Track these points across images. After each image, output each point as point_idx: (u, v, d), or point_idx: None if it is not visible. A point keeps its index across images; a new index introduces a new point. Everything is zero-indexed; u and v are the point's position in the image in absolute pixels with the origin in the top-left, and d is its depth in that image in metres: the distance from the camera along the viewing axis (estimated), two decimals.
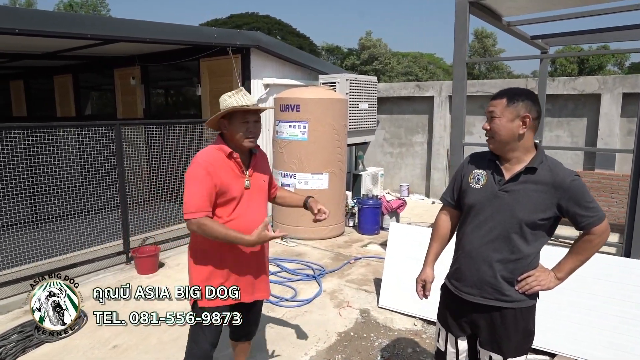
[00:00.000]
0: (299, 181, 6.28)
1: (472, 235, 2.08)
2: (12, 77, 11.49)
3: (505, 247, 2.00)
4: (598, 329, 3.28)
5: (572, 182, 1.91)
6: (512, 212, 1.96)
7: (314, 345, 3.62)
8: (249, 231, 2.25)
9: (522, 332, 2.06)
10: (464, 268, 2.13)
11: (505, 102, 1.97)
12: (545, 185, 1.93)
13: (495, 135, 1.99)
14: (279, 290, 4.64)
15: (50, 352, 3.51)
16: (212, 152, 2.31)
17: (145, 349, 3.52)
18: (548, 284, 2.04)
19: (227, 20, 38.14)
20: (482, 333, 2.11)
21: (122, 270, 5.14)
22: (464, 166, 2.20)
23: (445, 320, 2.25)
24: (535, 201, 1.93)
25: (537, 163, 1.96)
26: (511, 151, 1.99)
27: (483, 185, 2.05)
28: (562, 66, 27.28)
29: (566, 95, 8.14)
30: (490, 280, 2.04)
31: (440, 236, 2.31)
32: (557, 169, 1.95)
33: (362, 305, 4.31)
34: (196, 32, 5.87)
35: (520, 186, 1.96)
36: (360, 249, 6.06)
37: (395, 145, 10.21)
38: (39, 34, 4.27)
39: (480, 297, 2.07)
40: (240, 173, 2.34)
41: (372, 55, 31.19)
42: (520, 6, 4.86)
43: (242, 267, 2.43)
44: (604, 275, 3.36)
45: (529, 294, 2.03)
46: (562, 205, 1.92)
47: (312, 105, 6.14)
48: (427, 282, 2.29)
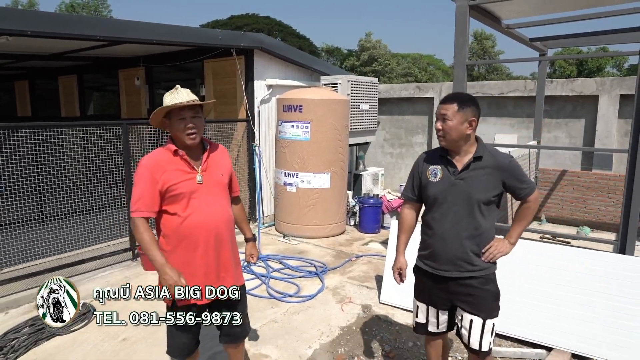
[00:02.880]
0: (301, 180, 6.39)
1: (442, 221, 2.43)
2: (17, 77, 11.57)
3: (470, 225, 2.38)
4: (593, 324, 3.38)
5: (511, 163, 2.38)
6: (469, 195, 2.35)
7: (318, 339, 3.72)
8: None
9: (492, 294, 2.44)
10: (437, 249, 2.46)
11: (456, 107, 2.33)
12: (491, 169, 2.35)
13: (447, 135, 2.36)
14: (283, 287, 4.75)
15: (61, 345, 3.61)
16: (158, 152, 2.40)
17: (153, 342, 3.62)
18: (505, 249, 2.45)
19: (227, 21, 38.22)
20: (462, 301, 2.45)
21: (128, 267, 5.24)
22: (419, 165, 2.56)
23: (427, 297, 2.58)
24: (486, 182, 2.35)
25: (481, 152, 2.37)
26: (460, 146, 2.39)
27: (441, 178, 2.43)
28: (561, 68, 27.43)
29: (564, 97, 8.26)
30: (462, 255, 2.40)
31: (407, 228, 2.67)
32: (497, 154, 2.41)
33: (363, 301, 4.42)
34: (201, 34, 5.98)
35: (472, 173, 2.36)
36: (362, 247, 6.17)
37: (396, 146, 10.32)
38: (49, 35, 4.37)
39: (456, 271, 2.42)
40: (190, 169, 2.37)
41: (371, 57, 31.29)
42: (519, 9, 4.97)
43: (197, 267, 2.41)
44: (600, 271, 3.47)
45: (493, 261, 2.43)
46: (505, 182, 2.37)
47: (315, 106, 6.25)
48: (403, 269, 2.63)
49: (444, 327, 2.60)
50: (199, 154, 2.44)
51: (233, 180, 2.66)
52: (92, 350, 3.54)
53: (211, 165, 2.45)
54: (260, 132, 6.98)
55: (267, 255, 5.63)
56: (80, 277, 4.85)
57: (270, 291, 4.60)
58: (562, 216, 7.42)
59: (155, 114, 2.37)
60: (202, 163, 2.42)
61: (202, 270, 2.42)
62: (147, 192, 2.29)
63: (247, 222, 2.86)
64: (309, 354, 3.50)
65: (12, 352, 3.53)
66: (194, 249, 2.38)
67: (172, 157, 2.36)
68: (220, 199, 2.46)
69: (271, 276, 4.98)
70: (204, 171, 2.41)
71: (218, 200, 2.44)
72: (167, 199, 2.34)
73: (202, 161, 2.42)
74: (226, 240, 2.47)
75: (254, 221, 7.02)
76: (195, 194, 2.36)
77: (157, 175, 2.30)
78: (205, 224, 2.37)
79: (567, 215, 7.38)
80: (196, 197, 2.37)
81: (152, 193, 2.30)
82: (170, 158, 2.36)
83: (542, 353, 3.45)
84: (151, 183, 2.29)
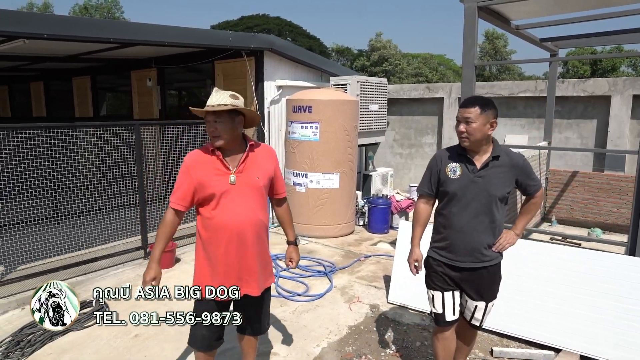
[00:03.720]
0: (310, 180, 6.43)
1: (460, 215, 2.60)
2: (32, 78, 11.78)
3: (487, 219, 2.57)
4: (603, 325, 3.37)
5: (524, 162, 2.60)
6: (487, 191, 2.53)
7: (326, 338, 3.76)
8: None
9: (498, 281, 2.73)
10: (456, 242, 2.63)
11: (479, 110, 2.49)
12: (506, 167, 2.56)
13: (471, 137, 2.51)
14: (292, 286, 4.80)
15: (75, 340, 3.69)
16: (199, 150, 2.53)
17: (164, 338, 3.68)
18: (513, 240, 2.66)
19: (238, 21, 38.42)
20: (470, 288, 2.68)
21: (140, 265, 5.33)
22: (437, 162, 2.69)
23: (443, 284, 2.72)
24: (503, 180, 2.55)
25: (498, 152, 2.56)
26: (481, 146, 2.56)
27: (460, 175, 2.58)
28: (574, 67, 27.10)
29: (576, 97, 8.19)
30: (478, 247, 2.60)
31: (422, 221, 2.81)
32: (511, 154, 2.61)
33: (372, 301, 4.44)
34: (212, 36, 6.06)
35: (490, 171, 2.55)
36: (370, 247, 6.19)
37: (405, 146, 10.32)
38: (64, 38, 4.47)
39: (471, 262, 2.62)
40: (225, 169, 2.43)
41: (382, 57, 31.22)
42: (529, 10, 4.96)
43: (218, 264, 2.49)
44: (609, 273, 3.45)
45: (502, 251, 2.67)
46: (518, 180, 2.59)
47: (324, 107, 6.29)
48: (419, 261, 2.79)
49: (457, 313, 2.76)
50: (238, 155, 2.49)
51: (276, 182, 2.69)
52: (105, 346, 3.61)
53: (248, 167, 2.48)
54: (270, 132, 7.04)
55: (277, 255, 5.68)
56: (93, 274, 4.95)
57: (279, 290, 4.65)
58: (573, 217, 7.37)
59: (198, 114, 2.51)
60: (238, 164, 2.46)
61: (222, 268, 2.48)
62: (182, 187, 2.45)
63: (292, 224, 2.87)
64: (316, 353, 3.54)
65: (28, 346, 3.62)
66: (216, 247, 2.46)
67: (210, 156, 2.46)
68: (250, 202, 2.47)
69: (280, 275, 5.03)
70: (240, 172, 2.45)
71: (247, 203, 2.46)
72: (200, 195, 2.45)
73: (239, 162, 2.47)
74: (251, 243, 2.48)
75: None
76: (226, 194, 2.42)
77: (193, 172, 2.43)
78: (229, 225, 2.42)
79: (578, 217, 7.32)
80: (227, 197, 2.42)
81: (185, 188, 2.44)
82: (209, 157, 2.46)
83: (551, 355, 3.45)
84: (187, 179, 2.43)
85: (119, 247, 5.43)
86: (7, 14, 3.98)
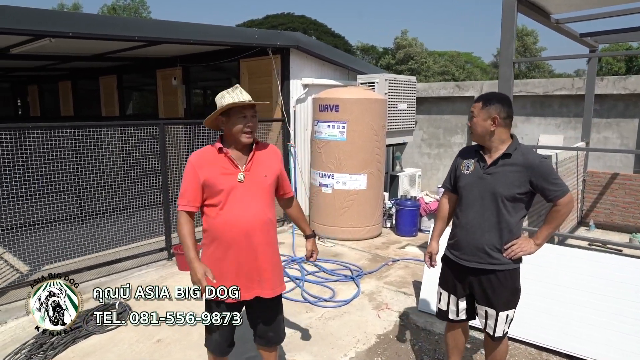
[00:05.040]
0: (337, 182, 6.27)
1: (467, 211, 2.55)
2: (61, 78, 11.97)
3: (493, 219, 2.46)
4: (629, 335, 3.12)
5: (541, 162, 2.40)
6: (494, 189, 2.44)
7: (354, 347, 3.60)
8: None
9: (510, 289, 2.53)
10: (461, 239, 2.58)
11: (481, 105, 2.46)
12: (519, 166, 2.40)
13: (473, 131, 2.51)
14: (317, 291, 4.65)
15: (98, 344, 3.63)
16: (205, 149, 2.46)
17: (187, 345, 3.59)
18: (529, 249, 2.48)
19: (263, 20, 38.56)
20: (478, 292, 2.57)
21: (163, 267, 5.27)
22: (458, 157, 2.67)
23: (448, 284, 2.71)
24: (512, 179, 2.41)
25: (511, 150, 2.44)
26: (488, 142, 2.49)
27: (472, 171, 2.55)
28: (608, 64, 26.13)
29: (615, 95, 7.78)
30: (482, 246, 2.49)
31: (442, 216, 2.82)
32: (528, 153, 2.45)
33: (401, 308, 4.26)
34: (238, 33, 5.95)
35: (500, 169, 2.45)
36: (398, 251, 5.99)
37: (434, 146, 10.05)
38: (89, 36, 4.43)
39: (476, 262, 2.53)
40: (233, 167, 2.39)
41: (407, 55, 30.83)
42: (571, 3, 4.66)
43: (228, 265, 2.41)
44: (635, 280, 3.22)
45: (514, 259, 2.49)
46: (533, 182, 2.39)
47: (351, 106, 6.11)
48: (433, 254, 2.79)
49: (463, 315, 2.72)
50: (246, 153, 2.45)
51: (283, 182, 2.65)
52: (128, 350, 3.54)
53: (256, 165, 2.45)
54: (296, 132, 6.91)
55: (302, 258, 5.54)
56: (116, 275, 4.91)
57: (305, 295, 4.50)
58: (613, 222, 6.99)
59: (217, 112, 2.38)
60: (246, 162, 2.42)
61: (232, 269, 2.41)
62: (190, 188, 2.38)
63: (305, 219, 2.87)
64: None
65: (51, 349, 3.58)
66: (225, 248, 2.40)
67: (217, 155, 2.40)
68: (258, 200, 2.42)
69: (306, 279, 4.88)
70: (247, 170, 2.41)
71: (255, 201, 2.41)
72: (207, 194, 2.39)
73: (246, 160, 2.42)
74: (261, 243, 2.43)
75: (288, 222, 6.96)
76: (234, 192, 2.38)
77: (199, 171, 2.36)
78: (237, 224, 2.36)
79: (618, 221, 6.94)
80: (234, 195, 2.38)
81: (194, 188, 2.37)
82: (216, 155, 2.40)
83: None
84: (194, 179, 2.37)
85: (142, 247, 5.38)
86: (33, 13, 3.95)
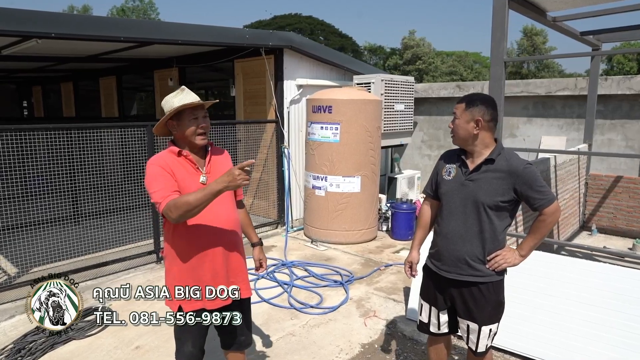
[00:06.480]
0: (330, 184, 6.16)
1: (448, 219, 2.40)
2: (63, 79, 12.01)
3: (474, 228, 2.31)
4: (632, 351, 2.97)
5: (525, 169, 2.23)
6: (475, 197, 2.29)
7: (336, 357, 3.49)
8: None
9: (494, 303, 2.38)
10: (442, 249, 2.43)
11: (464, 107, 2.31)
12: (502, 173, 2.26)
13: (455, 134, 2.36)
14: (305, 296, 4.54)
15: (76, 350, 3.57)
16: (162, 154, 2.32)
17: (166, 352, 3.51)
18: (514, 260, 2.33)
19: (270, 21, 38.60)
20: (459, 305, 2.42)
21: (152, 270, 5.20)
22: (440, 161, 2.52)
23: (429, 296, 2.57)
24: (495, 186, 2.26)
25: (494, 155, 2.28)
26: (471, 147, 2.33)
27: (453, 177, 2.39)
28: (619, 64, 25.70)
29: (620, 96, 7.56)
30: (464, 258, 2.34)
31: (423, 224, 2.66)
32: (512, 159, 2.28)
33: (389, 316, 4.13)
34: (228, 34, 5.85)
35: (482, 175, 2.30)
36: (392, 255, 5.86)
37: (434, 148, 9.89)
38: (72, 37, 4.37)
39: (457, 274, 2.38)
40: (194, 170, 2.32)
41: (415, 55, 30.63)
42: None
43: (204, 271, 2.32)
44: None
45: (497, 271, 2.34)
46: (517, 189, 2.25)
47: (344, 107, 6.00)
48: (414, 263, 2.64)
49: (445, 329, 2.58)
50: (202, 156, 2.39)
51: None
52: (106, 357, 3.48)
53: (214, 168, 2.39)
54: (290, 133, 6.81)
55: (292, 262, 5.44)
56: (104, 279, 4.84)
57: (291, 301, 4.40)
58: (616, 226, 6.80)
59: (167, 116, 2.28)
60: (205, 164, 2.37)
61: (209, 274, 2.33)
62: (167, 183, 2.17)
63: (252, 225, 2.78)
64: None
65: (28, 354, 3.52)
66: (201, 254, 2.31)
67: (176, 159, 2.31)
68: (225, 201, 2.38)
69: (294, 284, 4.78)
70: (208, 173, 2.35)
71: (222, 203, 2.33)
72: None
73: (205, 164, 2.37)
74: (235, 244, 2.41)
75: (282, 225, 6.86)
76: None
77: (168, 170, 2.22)
78: (212, 226, 2.29)
79: (621, 226, 6.75)
80: None
81: (171, 182, 2.18)
82: (175, 159, 2.30)
83: None
84: (167, 176, 2.19)
85: (131, 250, 5.32)
86: (14, 13, 3.90)
